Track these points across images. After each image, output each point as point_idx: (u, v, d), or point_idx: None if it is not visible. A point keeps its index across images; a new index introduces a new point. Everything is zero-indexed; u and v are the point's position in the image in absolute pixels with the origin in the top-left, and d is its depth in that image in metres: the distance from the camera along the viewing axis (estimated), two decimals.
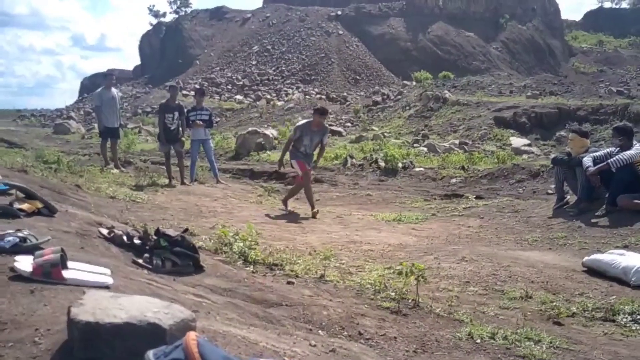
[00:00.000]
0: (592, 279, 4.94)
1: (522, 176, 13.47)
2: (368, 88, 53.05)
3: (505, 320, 3.67)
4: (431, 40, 62.13)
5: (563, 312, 3.85)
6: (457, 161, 16.99)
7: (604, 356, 3.14)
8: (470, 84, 41.20)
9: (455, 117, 29.65)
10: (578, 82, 52.09)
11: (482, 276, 4.75)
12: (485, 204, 9.70)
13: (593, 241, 6.60)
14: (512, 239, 7.03)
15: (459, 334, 3.26)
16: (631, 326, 3.69)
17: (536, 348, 3.13)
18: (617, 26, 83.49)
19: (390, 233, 7.37)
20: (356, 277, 4.50)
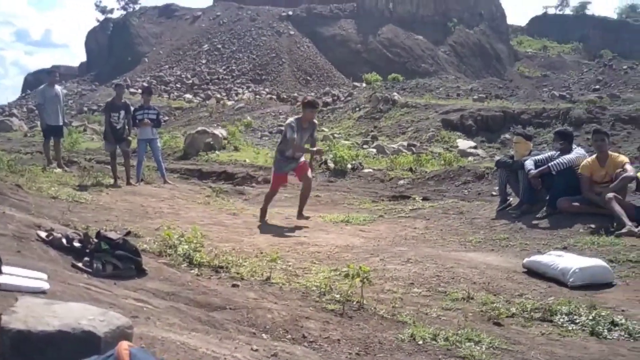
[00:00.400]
0: (532, 280, 5.08)
1: (468, 178, 13.71)
2: (319, 89, 53.20)
3: (447, 321, 3.74)
4: (381, 42, 62.75)
5: (503, 312, 3.94)
6: (405, 163, 17.18)
7: (541, 356, 3.22)
8: (419, 87, 41.84)
9: (404, 119, 30.03)
10: (523, 86, 53.43)
11: (426, 277, 4.82)
12: (432, 206, 9.83)
13: (534, 242, 6.77)
14: (457, 240, 7.15)
15: (401, 335, 3.30)
16: (568, 326, 3.80)
17: (476, 349, 3.19)
18: (561, 32, 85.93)
19: (338, 234, 7.41)
20: (302, 279, 4.50)
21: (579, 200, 7.59)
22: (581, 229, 7.18)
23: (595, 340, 3.61)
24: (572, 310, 4.03)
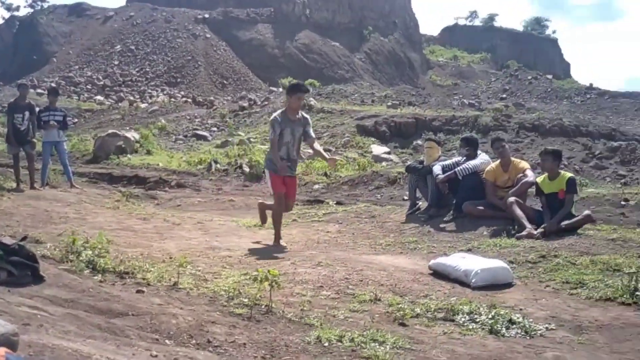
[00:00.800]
0: (437, 281, 5.24)
1: (381, 183, 14.00)
2: (235, 93, 52.77)
3: (354, 323, 3.79)
4: (298, 48, 63.02)
5: (408, 313, 4.04)
6: (320, 167, 17.32)
7: (442, 354, 3.33)
8: (335, 92, 42.25)
9: (320, 125, 30.23)
10: (434, 94, 55.04)
11: (335, 280, 4.87)
12: (345, 210, 9.96)
13: (440, 245, 6.99)
14: (368, 243, 7.28)
15: (308, 338, 3.32)
16: (468, 325, 3.94)
17: (380, 349, 3.26)
18: (471, 42, 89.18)
19: (250, 239, 7.37)
20: (211, 284, 4.46)
21: (483, 204, 7.89)
22: (485, 232, 7.47)
23: (494, 338, 3.76)
24: (473, 309, 4.19)
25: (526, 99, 62.31)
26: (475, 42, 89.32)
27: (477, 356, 3.35)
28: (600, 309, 4.54)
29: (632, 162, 26.20)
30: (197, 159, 18.08)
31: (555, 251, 6.22)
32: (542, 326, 4.03)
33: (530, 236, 6.92)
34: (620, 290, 4.79)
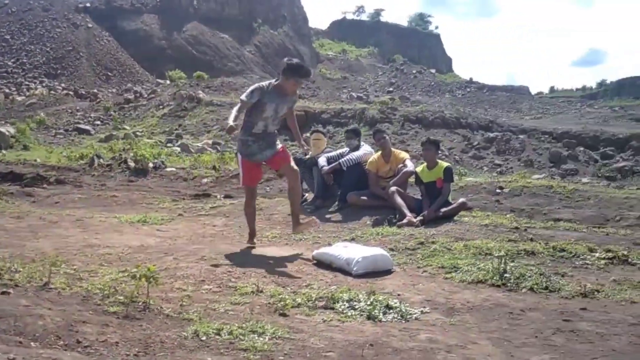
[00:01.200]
0: (320, 271, 5.32)
1: (270, 175, 14.00)
2: (120, 85, 51.07)
3: (234, 315, 3.78)
4: (186, 39, 61.85)
5: (289, 303, 4.07)
6: (209, 161, 17.16)
7: (320, 342, 3.38)
8: (224, 85, 41.95)
9: (209, 118, 29.95)
10: (324, 87, 55.85)
11: (217, 274, 4.83)
12: (232, 203, 9.90)
13: (325, 235, 7.11)
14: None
15: (185, 333, 3.28)
16: (348, 312, 4.03)
17: (259, 340, 3.27)
18: (359, 36, 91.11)
19: (132, 235, 7.15)
20: (86, 282, 4.28)
21: (366, 195, 8.12)
22: (368, 221, 7.69)
23: (372, 323, 3.87)
24: (352, 297, 4.28)
25: (411, 92, 64.56)
26: (363, 36, 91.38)
27: (354, 341, 3.43)
28: (472, 291, 4.78)
29: (507, 152, 27.92)
30: (78, 154, 17.34)
31: (433, 238, 6.50)
32: (417, 310, 4.18)
33: (410, 224, 7.19)
34: (491, 273, 5.07)
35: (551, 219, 8.69)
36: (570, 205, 9.91)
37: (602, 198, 10.17)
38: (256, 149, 6.15)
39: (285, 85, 6.07)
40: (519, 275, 5.01)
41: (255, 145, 6.14)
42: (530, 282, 4.88)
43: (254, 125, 6.09)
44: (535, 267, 5.33)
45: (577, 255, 5.77)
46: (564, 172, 25.07)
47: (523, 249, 5.93)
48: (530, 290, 4.77)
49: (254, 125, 6.09)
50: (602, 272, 5.36)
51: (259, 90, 6.02)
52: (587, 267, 5.50)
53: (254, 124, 6.09)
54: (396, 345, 3.42)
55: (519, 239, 6.50)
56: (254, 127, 6.09)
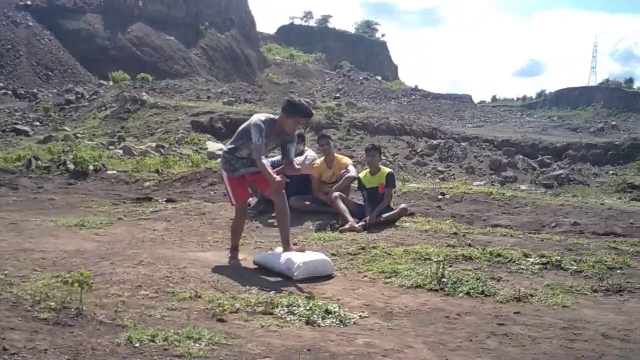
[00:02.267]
0: (261, 276, 5.30)
1: (215, 179, 13.90)
2: (61, 85, 49.70)
3: (171, 321, 3.72)
4: (130, 40, 60.76)
5: (227, 309, 4.03)
6: (152, 164, 16.91)
7: (258, 347, 3.36)
8: (169, 88, 41.44)
9: (153, 120, 29.47)
10: (271, 92, 55.82)
11: (155, 279, 4.74)
12: (174, 207, 9.75)
13: (268, 240, 7.09)
14: (195, 240, 7.19)
15: (118, 339, 3.20)
16: (286, 317, 4.02)
17: (195, 346, 3.22)
18: (306, 42, 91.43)
19: (69, 239, 6.95)
20: (17, 288, 4.14)
21: (309, 199, 8.14)
22: (310, 226, 7.72)
23: (310, 328, 3.87)
24: (291, 302, 4.28)
25: (358, 98, 65.13)
26: (311, 42, 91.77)
27: (291, 347, 3.42)
28: (410, 295, 4.84)
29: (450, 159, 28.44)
30: (15, 155, 16.82)
31: (374, 243, 6.56)
32: (356, 314, 4.21)
33: (352, 229, 7.24)
34: (429, 278, 5.15)
35: (490, 224, 8.89)
36: (509, 211, 10.16)
37: (538, 205, 10.47)
38: (240, 165, 5.89)
39: (283, 123, 5.75)
40: (456, 280, 5.10)
41: (239, 163, 5.89)
42: (467, 286, 4.98)
43: (239, 150, 5.86)
44: (472, 272, 5.45)
45: (512, 260, 5.91)
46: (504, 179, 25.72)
47: (461, 254, 6.04)
48: (467, 294, 4.87)
49: (239, 150, 5.87)
50: (536, 277, 5.51)
51: (263, 130, 5.62)
52: (522, 272, 5.64)
53: (238, 149, 5.87)
54: (334, 349, 3.43)
55: (458, 244, 6.63)
56: (238, 151, 5.88)
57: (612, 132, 59.27)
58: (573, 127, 63.71)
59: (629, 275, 5.55)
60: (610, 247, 6.79)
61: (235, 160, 5.87)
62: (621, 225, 9.17)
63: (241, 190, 6.05)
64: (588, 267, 5.72)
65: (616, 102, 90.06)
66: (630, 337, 3.94)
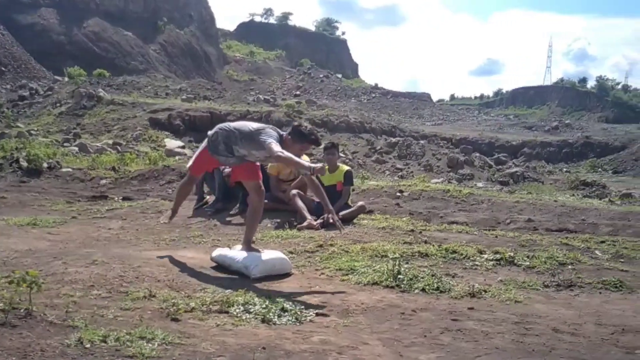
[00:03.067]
0: (218, 274, 5.26)
1: (173, 177, 13.75)
2: (15, 81, 48.27)
3: (123, 321, 3.66)
4: (87, 35, 59.44)
5: (182, 308, 3.99)
6: (108, 162, 16.67)
7: (212, 346, 3.33)
8: (127, 84, 40.74)
9: (110, 117, 28.95)
10: (231, 89, 55.40)
11: (108, 279, 4.67)
12: (130, 205, 9.63)
13: (225, 238, 7.04)
14: (152, 239, 7.10)
15: (68, 340, 3.13)
16: (242, 316, 4.00)
17: (147, 346, 3.18)
18: (266, 39, 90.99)
19: (20, 238, 6.80)
20: None
21: (267, 198, 8.05)
22: (269, 224, 7.69)
23: (266, 326, 3.86)
24: (247, 300, 4.26)
25: (318, 96, 65.16)
26: (271, 39, 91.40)
27: (246, 345, 3.40)
28: (367, 292, 4.86)
29: (408, 156, 28.72)
30: None
31: (332, 240, 6.58)
32: (312, 312, 4.21)
33: (311, 227, 7.25)
34: (386, 275, 5.19)
35: (447, 221, 9.01)
36: (465, 208, 10.32)
37: (494, 202, 10.66)
38: (222, 152, 5.58)
39: (290, 146, 5.38)
40: (412, 277, 5.15)
41: (224, 150, 5.57)
42: (423, 283, 5.03)
43: (232, 145, 5.52)
44: (428, 268, 5.51)
45: (467, 256, 6.00)
46: (461, 176, 26.05)
47: (417, 251, 6.11)
48: (422, 291, 4.92)
49: (232, 145, 5.52)
50: (490, 273, 5.60)
51: (277, 137, 5.38)
52: (476, 268, 5.73)
53: (233, 144, 5.51)
54: (289, 347, 3.43)
55: (414, 241, 6.70)
56: (231, 144, 5.53)
57: (566, 130, 60.64)
58: (528, 125, 65.01)
59: (580, 270, 5.69)
60: (562, 243, 6.96)
61: (222, 147, 5.56)
62: (573, 221, 9.40)
63: (204, 165, 6.03)
64: (540, 263, 5.84)
65: (570, 101, 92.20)
66: (579, 331, 4.03)
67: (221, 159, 5.71)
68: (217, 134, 5.62)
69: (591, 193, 22.33)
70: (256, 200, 5.73)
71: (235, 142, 5.47)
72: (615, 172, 40.44)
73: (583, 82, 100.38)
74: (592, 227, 9.14)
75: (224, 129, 5.62)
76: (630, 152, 43.59)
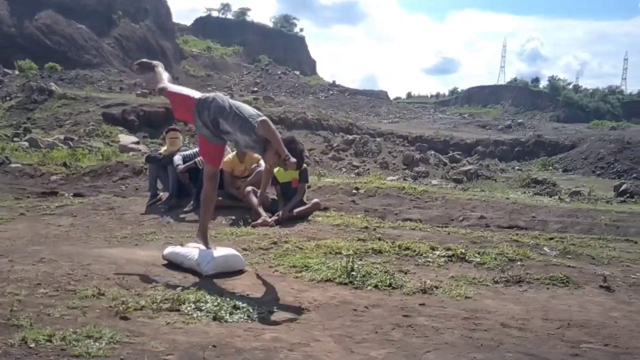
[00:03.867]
0: (170, 272, 5.19)
1: (126, 173, 13.55)
2: None
3: (70, 320, 3.58)
4: (39, 28, 58.02)
5: (132, 306, 3.92)
6: (59, 157, 16.35)
7: (161, 345, 3.28)
8: (80, 78, 40.00)
9: (62, 111, 28.35)
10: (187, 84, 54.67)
11: (56, 277, 4.56)
12: (81, 202, 9.44)
13: (179, 235, 6.96)
14: (102, 236, 6.98)
15: (12, 340, 3.05)
16: (193, 314, 3.95)
17: (94, 345, 3.12)
18: (224, 35, 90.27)
19: None
20: None
21: (221, 194, 8.03)
22: (223, 221, 7.64)
23: (217, 324, 3.82)
24: (199, 298, 4.21)
25: (276, 92, 65.03)
26: (229, 34, 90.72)
27: (197, 343, 3.37)
28: (320, 289, 4.87)
29: (365, 154, 28.90)
30: None
31: (286, 237, 6.56)
32: (265, 309, 4.19)
33: (265, 224, 7.23)
34: (339, 272, 5.19)
35: (401, 218, 9.10)
36: (420, 205, 10.43)
37: (448, 199, 10.80)
38: (206, 121, 5.25)
39: (269, 150, 5.05)
40: (365, 274, 5.17)
41: (208, 122, 5.26)
42: (376, 279, 5.06)
43: (219, 120, 5.21)
44: (381, 265, 5.55)
45: (420, 253, 6.06)
46: (416, 174, 26.36)
47: (371, 248, 6.14)
48: (375, 287, 4.94)
49: (219, 120, 5.21)
50: (441, 269, 5.67)
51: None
52: (429, 265, 5.79)
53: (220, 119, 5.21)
54: (240, 345, 3.41)
55: (368, 238, 6.73)
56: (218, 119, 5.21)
57: (518, 129, 61.90)
58: (482, 124, 66.10)
59: (528, 266, 5.81)
60: (513, 240, 7.10)
61: (207, 115, 5.23)
62: (524, 218, 9.61)
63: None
64: (490, 259, 5.94)
65: (523, 100, 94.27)
66: (527, 326, 4.12)
67: (197, 124, 5.35)
68: (212, 101, 5.26)
69: (542, 191, 22.89)
70: (208, 188, 5.58)
71: (226, 118, 5.14)
72: (565, 170, 41.51)
73: (536, 82, 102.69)
74: (541, 224, 9.35)
75: (220, 100, 5.25)
76: (580, 151, 44.75)
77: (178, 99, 5.63)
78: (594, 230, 9.11)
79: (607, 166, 41.12)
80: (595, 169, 41.01)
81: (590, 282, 5.48)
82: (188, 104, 5.43)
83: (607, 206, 13.22)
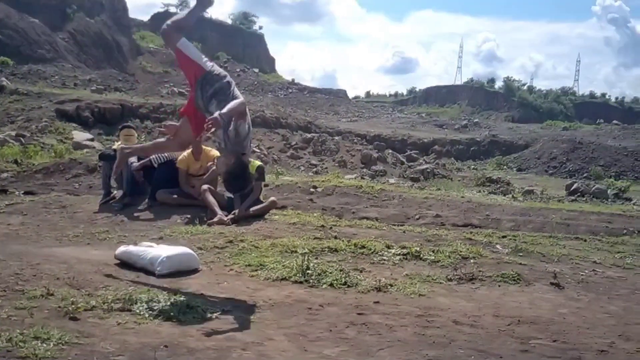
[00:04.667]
0: (122, 271, 5.11)
1: (79, 171, 13.29)
2: None
3: (18, 321, 3.49)
4: None
5: (82, 306, 3.84)
6: (10, 154, 15.98)
7: (112, 345, 3.23)
8: (32, 73, 39.03)
9: (14, 107, 27.65)
10: (144, 81, 54.05)
11: (3, 277, 4.44)
12: (32, 200, 9.21)
13: (132, 234, 6.85)
14: (53, 235, 6.83)
15: None
16: (145, 314, 3.89)
17: (42, 346, 3.05)
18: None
19: None
20: None
21: (177, 193, 7.97)
22: (178, 220, 7.55)
23: (170, 324, 3.78)
24: (151, 297, 4.16)
25: None
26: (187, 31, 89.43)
27: (148, 343, 3.33)
28: (275, 288, 4.86)
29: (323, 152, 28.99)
30: None
31: (242, 236, 6.54)
32: (219, 309, 4.16)
33: (221, 222, 7.17)
34: (295, 270, 5.20)
35: (358, 217, 9.16)
36: (377, 204, 10.52)
37: (405, 198, 10.92)
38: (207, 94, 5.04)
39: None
40: (320, 272, 5.19)
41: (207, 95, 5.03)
42: (331, 278, 5.08)
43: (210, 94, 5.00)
44: (336, 263, 5.57)
45: (375, 251, 6.10)
46: (374, 173, 26.54)
47: (327, 246, 6.15)
48: (330, 285, 4.96)
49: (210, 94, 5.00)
50: (396, 267, 5.72)
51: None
52: (384, 263, 5.84)
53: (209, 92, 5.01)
54: (192, 345, 3.38)
55: (324, 236, 6.75)
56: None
57: (474, 129, 62.80)
58: (439, 123, 66.86)
59: (481, 264, 5.91)
60: (466, 238, 7.21)
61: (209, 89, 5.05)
62: (478, 217, 9.78)
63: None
64: (444, 257, 6.03)
65: (479, 100, 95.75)
66: (478, 322, 4.19)
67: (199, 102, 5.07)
68: (221, 78, 5.17)
69: (496, 190, 23.30)
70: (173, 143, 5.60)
71: (220, 101, 4.86)
72: (519, 169, 42.37)
73: (491, 83, 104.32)
74: (495, 222, 9.53)
75: (226, 83, 5.11)
76: (534, 151, 45.71)
77: (188, 62, 5.47)
78: (546, 229, 9.33)
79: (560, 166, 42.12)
80: (548, 169, 41.95)
81: (540, 279, 5.61)
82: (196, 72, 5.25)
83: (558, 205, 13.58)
